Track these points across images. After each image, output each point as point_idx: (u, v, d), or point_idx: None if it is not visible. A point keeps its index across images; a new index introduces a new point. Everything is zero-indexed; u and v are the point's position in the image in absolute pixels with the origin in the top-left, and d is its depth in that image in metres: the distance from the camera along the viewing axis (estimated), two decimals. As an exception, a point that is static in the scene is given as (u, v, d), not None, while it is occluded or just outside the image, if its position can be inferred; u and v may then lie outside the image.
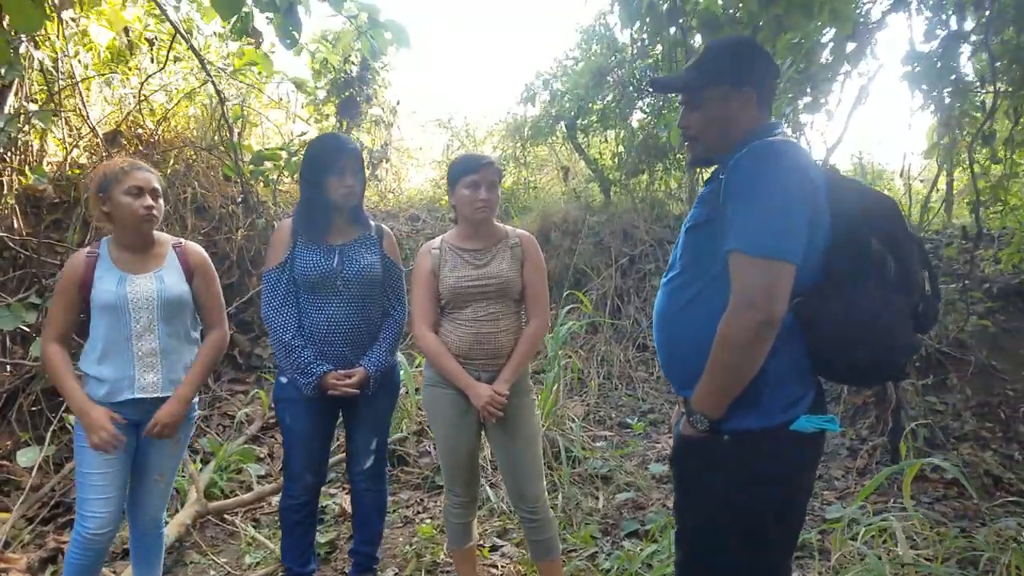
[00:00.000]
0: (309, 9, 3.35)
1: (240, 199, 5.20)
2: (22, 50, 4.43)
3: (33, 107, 4.71)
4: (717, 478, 1.64)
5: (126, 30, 5.10)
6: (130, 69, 5.46)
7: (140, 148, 4.97)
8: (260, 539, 3.39)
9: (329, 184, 2.55)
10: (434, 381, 2.54)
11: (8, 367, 4.25)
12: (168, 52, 5.17)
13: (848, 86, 7.82)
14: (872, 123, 24.22)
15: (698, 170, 6.24)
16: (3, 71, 4.32)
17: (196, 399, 2.53)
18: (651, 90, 1.89)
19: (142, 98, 5.22)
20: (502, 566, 3.11)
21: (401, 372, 3.70)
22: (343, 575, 3.10)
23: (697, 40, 3.87)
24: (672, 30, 3.86)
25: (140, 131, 5.19)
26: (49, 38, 4.82)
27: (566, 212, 7.26)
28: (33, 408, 4.16)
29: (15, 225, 4.67)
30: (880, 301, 1.55)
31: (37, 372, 4.12)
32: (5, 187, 4.77)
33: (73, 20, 5.01)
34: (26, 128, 4.67)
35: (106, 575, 2.99)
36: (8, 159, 4.78)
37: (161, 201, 2.39)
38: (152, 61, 5.44)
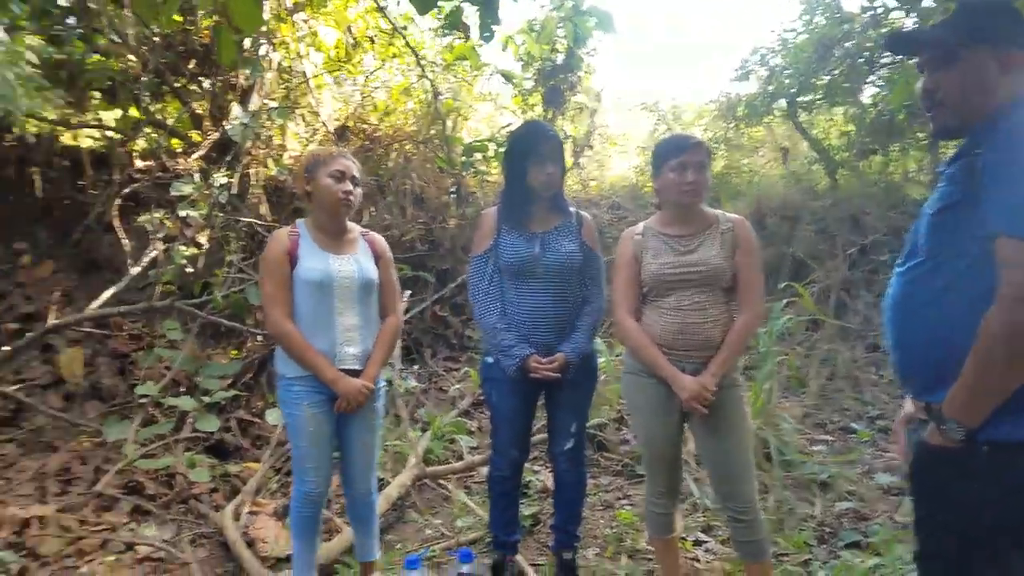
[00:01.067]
0: (515, -1, 3.38)
1: (453, 190, 5.54)
2: (262, 52, 5.05)
3: (273, 105, 5.33)
4: (969, 492, 1.44)
5: (349, 29, 5.59)
6: (354, 66, 5.99)
7: (365, 142, 5.47)
8: (471, 505, 3.62)
9: (530, 171, 2.60)
10: (634, 369, 2.51)
11: (259, 337, 4.95)
12: (387, 49, 5.58)
13: None
14: None
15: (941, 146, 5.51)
16: (248, 72, 4.94)
17: (382, 377, 2.68)
18: (889, 50, 1.66)
19: (365, 94, 5.72)
20: (705, 561, 3.05)
21: (601, 359, 3.74)
22: (545, 548, 3.19)
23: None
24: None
25: (365, 126, 5.70)
26: (284, 40, 5.41)
27: (784, 197, 6.78)
28: (279, 374, 4.81)
29: (261, 211, 5.40)
30: None
31: (283, 342, 4.73)
32: (252, 178, 5.49)
33: (304, 22, 5.54)
34: (267, 124, 5.26)
35: (339, 525, 3.42)
36: (254, 153, 5.47)
37: (359, 190, 2.56)
38: (374, 58, 5.92)
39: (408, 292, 3.52)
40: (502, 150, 5.02)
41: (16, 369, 4.81)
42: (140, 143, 6.37)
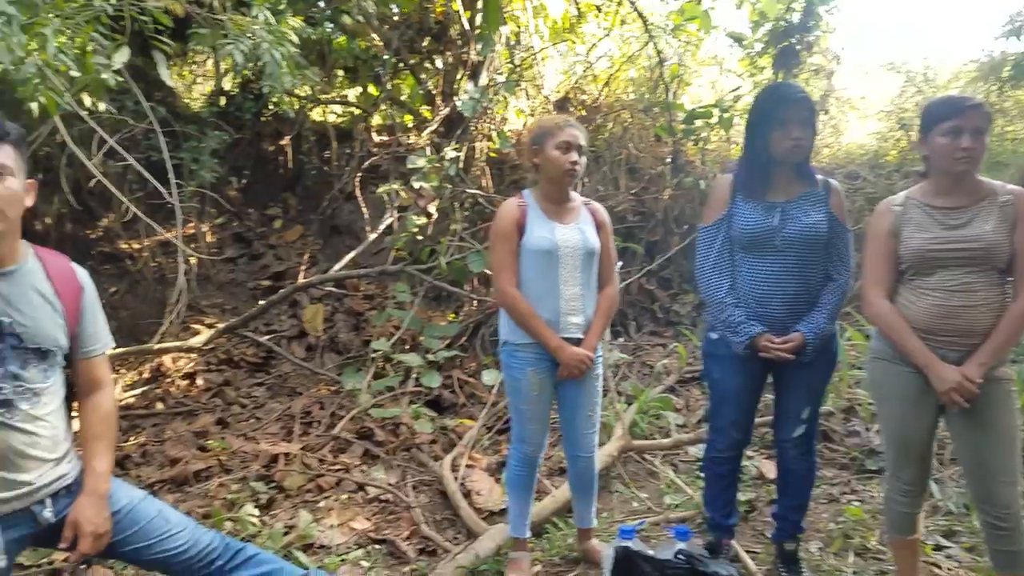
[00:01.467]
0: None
1: (670, 159, 5.37)
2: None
3: (500, 79, 5.50)
4: None
5: (576, 1, 5.60)
6: (577, 36, 5.99)
7: (584, 113, 5.46)
8: (679, 483, 3.54)
9: (772, 137, 2.39)
10: (886, 355, 2.26)
11: (475, 302, 5.19)
12: (615, 15, 5.50)
13: None
14: None
15: None
16: (479, 47, 5.10)
17: (600, 347, 2.66)
18: None
19: (587, 65, 5.70)
20: (948, 569, 2.74)
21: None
22: (761, 536, 3.07)
23: None
24: None
25: (584, 97, 5.70)
26: (514, 14, 5.52)
27: (1055, 168, 5.72)
28: (493, 338, 4.98)
29: (483, 184, 5.62)
30: None
31: (497, 308, 4.94)
32: (477, 151, 5.72)
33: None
34: (494, 99, 5.45)
35: (547, 486, 3.51)
36: (479, 127, 5.69)
37: (584, 159, 2.52)
38: (599, 27, 5.87)
39: (619, 264, 3.50)
40: (727, 116, 4.76)
41: (267, 321, 5.53)
42: (376, 118, 6.95)
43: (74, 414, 1.84)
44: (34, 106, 2.96)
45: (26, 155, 1.62)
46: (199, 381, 4.94)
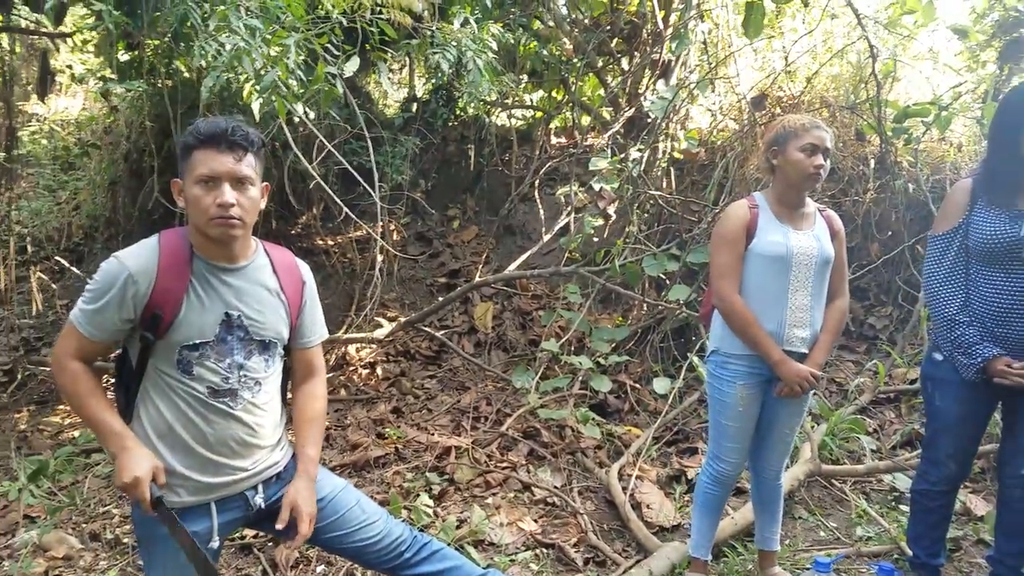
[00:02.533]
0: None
1: (875, 159, 4.92)
2: (691, 25, 5.02)
3: (693, 77, 5.32)
4: None
5: (776, -2, 5.27)
6: (777, 32, 5.66)
7: (781, 111, 5.14)
8: (873, 514, 3.23)
9: (1023, 140, 2.14)
10: None
11: (645, 306, 5.02)
12: (823, 10, 5.14)
13: None
14: None
15: None
16: (675, 45, 4.94)
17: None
18: None
19: (788, 61, 5.37)
20: None
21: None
22: None
23: None
24: None
25: (782, 95, 5.36)
26: (711, 10, 5.31)
27: None
28: (662, 344, 4.82)
29: (664, 185, 5.45)
30: None
31: (668, 314, 4.74)
32: (661, 151, 5.56)
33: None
34: (684, 98, 5.27)
35: (727, 509, 3.29)
36: (665, 127, 5.50)
37: (828, 162, 2.35)
38: (803, 22, 5.52)
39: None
40: (946, 114, 4.26)
41: (441, 317, 5.74)
42: (556, 122, 7.00)
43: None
44: (255, 109, 3.26)
45: (263, 162, 1.72)
46: (378, 371, 5.23)
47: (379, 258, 4.96)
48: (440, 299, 5.43)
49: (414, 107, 6.93)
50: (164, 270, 1.58)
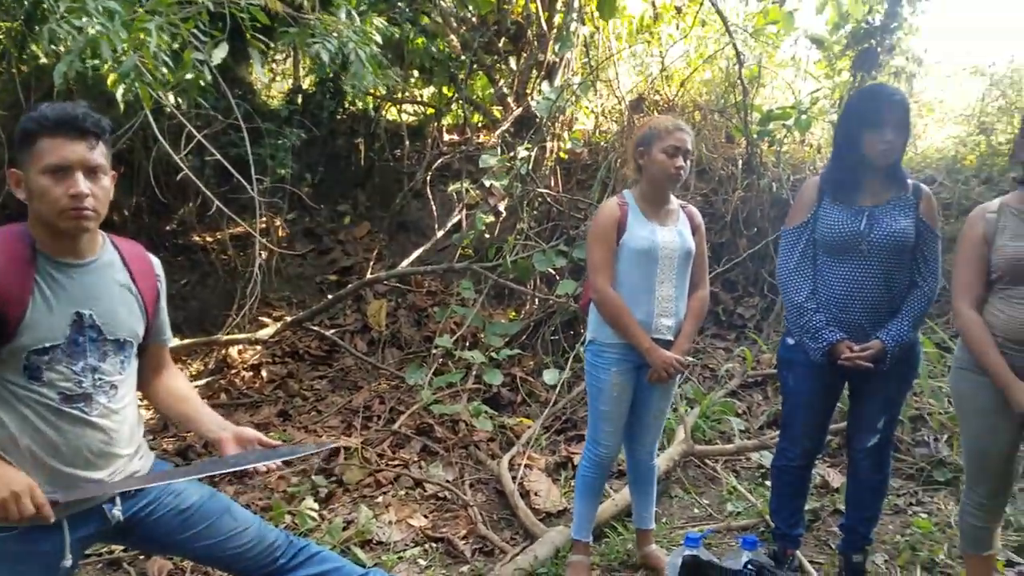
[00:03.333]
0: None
1: (742, 161, 5.25)
2: (572, 28, 5.19)
3: (576, 79, 5.49)
4: None
5: (653, 3, 5.54)
6: (653, 37, 5.92)
7: (658, 113, 5.39)
8: (741, 490, 3.46)
9: (864, 139, 2.32)
10: (970, 365, 2.21)
11: (537, 301, 5.15)
12: (695, 17, 5.43)
13: None
14: None
15: None
16: (557, 47, 5.09)
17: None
18: None
19: (664, 65, 5.63)
20: None
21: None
22: (825, 546, 3.00)
23: None
24: None
25: (658, 98, 5.62)
26: (592, 14, 5.49)
27: None
28: (553, 337, 4.95)
29: (551, 183, 5.60)
30: None
31: (558, 307, 4.89)
32: (547, 151, 5.70)
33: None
34: (569, 99, 5.44)
35: (607, 491, 3.44)
36: (551, 127, 5.66)
37: (689, 163, 2.49)
38: (677, 28, 5.81)
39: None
40: (805, 118, 4.61)
41: (332, 315, 5.63)
42: (448, 118, 7.00)
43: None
44: (120, 98, 3.06)
45: (111, 150, 1.62)
46: (263, 373, 5.07)
47: (262, 255, 4.80)
48: (330, 297, 5.32)
49: (299, 99, 6.73)
50: (4, 270, 1.47)
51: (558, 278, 4.93)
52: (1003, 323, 2.10)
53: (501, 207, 5.12)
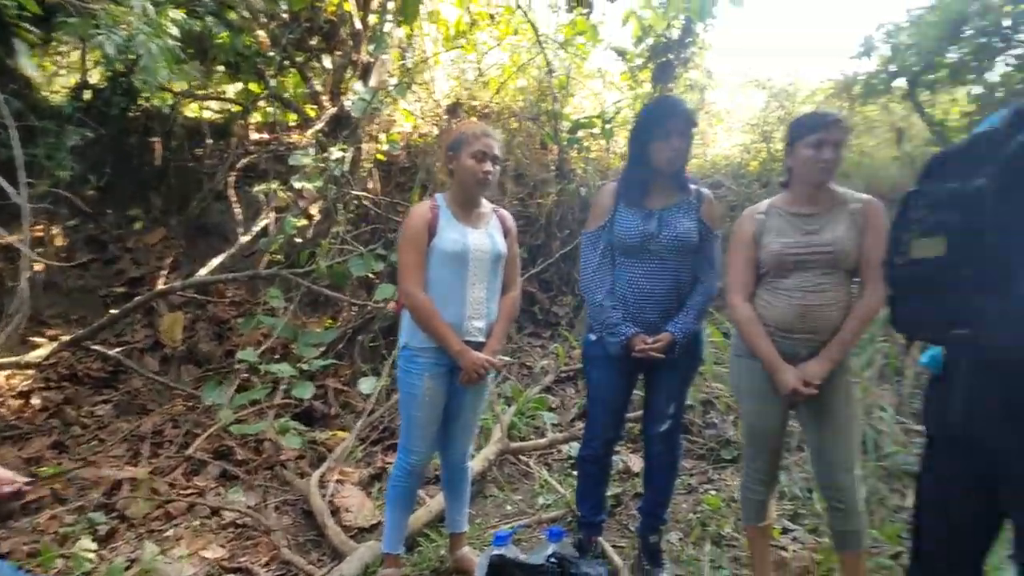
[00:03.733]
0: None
1: (555, 166, 5.41)
2: (386, 29, 5.07)
3: (392, 81, 5.38)
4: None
5: (469, 7, 5.57)
6: (469, 43, 5.96)
7: (474, 119, 5.42)
8: (552, 483, 3.53)
9: (654, 147, 2.48)
10: (743, 352, 2.42)
11: (355, 307, 4.95)
12: (507, 25, 5.52)
13: None
14: None
15: None
16: (372, 48, 4.95)
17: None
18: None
19: (480, 72, 5.67)
20: (793, 551, 2.91)
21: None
22: (627, 530, 3.14)
23: None
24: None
25: (476, 103, 5.65)
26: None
27: (896, 180, 6.20)
28: (372, 344, 4.78)
29: (369, 186, 5.43)
30: None
31: (377, 314, 4.73)
32: (364, 152, 5.52)
33: (429, -1, 5.51)
34: (385, 100, 5.32)
35: (420, 496, 3.34)
36: (367, 129, 5.51)
37: (497, 167, 2.51)
38: (491, 36, 5.88)
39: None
40: (610, 127, 4.84)
41: (118, 332, 5.02)
42: (256, 116, 6.56)
43: None
44: None
45: None
46: (35, 400, 4.40)
47: (34, 267, 4.17)
48: (115, 311, 4.73)
49: (87, 95, 5.98)
50: None
51: (377, 282, 4.76)
52: (772, 312, 2.29)
53: (313, 210, 4.87)
